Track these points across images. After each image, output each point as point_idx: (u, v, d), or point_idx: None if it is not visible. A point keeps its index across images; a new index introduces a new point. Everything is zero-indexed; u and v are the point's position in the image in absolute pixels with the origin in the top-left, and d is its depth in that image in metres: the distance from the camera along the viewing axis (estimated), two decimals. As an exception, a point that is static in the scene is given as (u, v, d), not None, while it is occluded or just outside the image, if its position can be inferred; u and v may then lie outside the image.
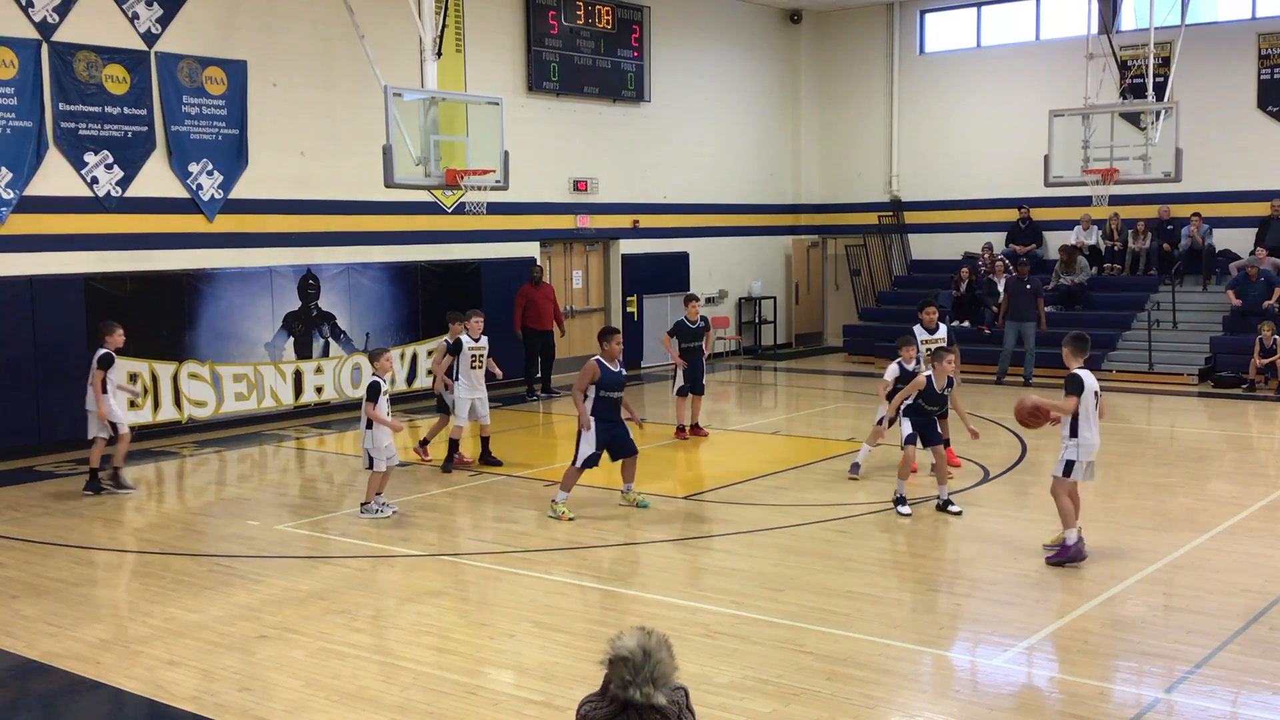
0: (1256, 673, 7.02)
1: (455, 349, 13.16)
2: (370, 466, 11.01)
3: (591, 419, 10.82)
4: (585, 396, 10.85)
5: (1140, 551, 9.60)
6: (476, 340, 13.18)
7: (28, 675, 7.39)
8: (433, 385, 13.82)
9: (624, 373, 11.17)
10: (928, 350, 12.35)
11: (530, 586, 8.99)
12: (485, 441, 13.45)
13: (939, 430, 11.33)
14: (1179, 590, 8.69)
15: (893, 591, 8.86)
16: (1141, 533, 10.26)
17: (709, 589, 8.78)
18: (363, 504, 11.15)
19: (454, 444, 13.26)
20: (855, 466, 12.63)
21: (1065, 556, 9.09)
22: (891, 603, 8.59)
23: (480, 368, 13.20)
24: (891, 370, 12.07)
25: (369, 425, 10.92)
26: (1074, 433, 9.16)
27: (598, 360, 10.92)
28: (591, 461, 10.92)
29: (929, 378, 11.01)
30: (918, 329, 13.32)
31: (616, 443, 11.02)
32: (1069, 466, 9.19)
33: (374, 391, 10.92)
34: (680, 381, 15.04)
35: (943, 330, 13.28)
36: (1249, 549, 9.71)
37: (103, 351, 12.23)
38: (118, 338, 12.40)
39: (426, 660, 7.41)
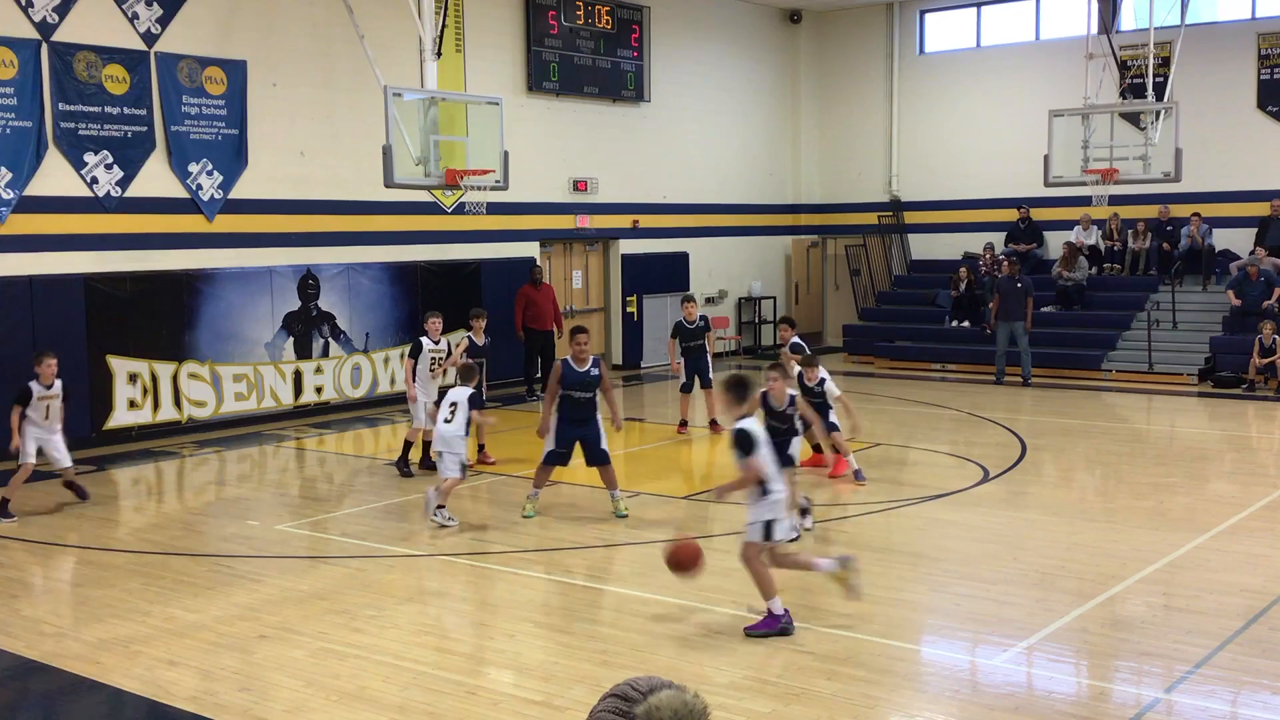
0: (1256, 673, 7.02)
1: (415, 351, 12.87)
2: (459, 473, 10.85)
3: (552, 418, 10.75)
4: (553, 398, 10.81)
5: (1140, 551, 9.60)
6: (436, 343, 12.91)
7: (28, 675, 7.39)
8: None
9: (593, 373, 10.80)
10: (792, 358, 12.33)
11: (530, 586, 8.99)
12: (426, 446, 12.99)
13: (789, 454, 10.15)
14: (1179, 590, 8.69)
15: (893, 591, 8.85)
16: (1141, 533, 10.26)
17: (709, 589, 8.77)
18: (439, 506, 10.74)
19: (408, 445, 13.06)
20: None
21: (773, 628, 7.66)
22: (891, 603, 8.59)
23: (437, 370, 12.89)
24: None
25: (465, 431, 10.79)
26: (765, 490, 7.69)
27: (564, 360, 10.90)
28: (550, 459, 10.86)
29: (765, 395, 9.94)
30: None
31: (586, 447, 10.86)
32: (768, 528, 7.70)
33: (472, 386, 10.93)
34: (683, 378, 15.31)
35: (818, 378, 12.08)
36: (1249, 549, 9.71)
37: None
38: (44, 368, 11.63)
39: (426, 660, 7.41)
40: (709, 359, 15.31)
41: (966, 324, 22.20)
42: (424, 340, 12.88)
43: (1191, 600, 8.42)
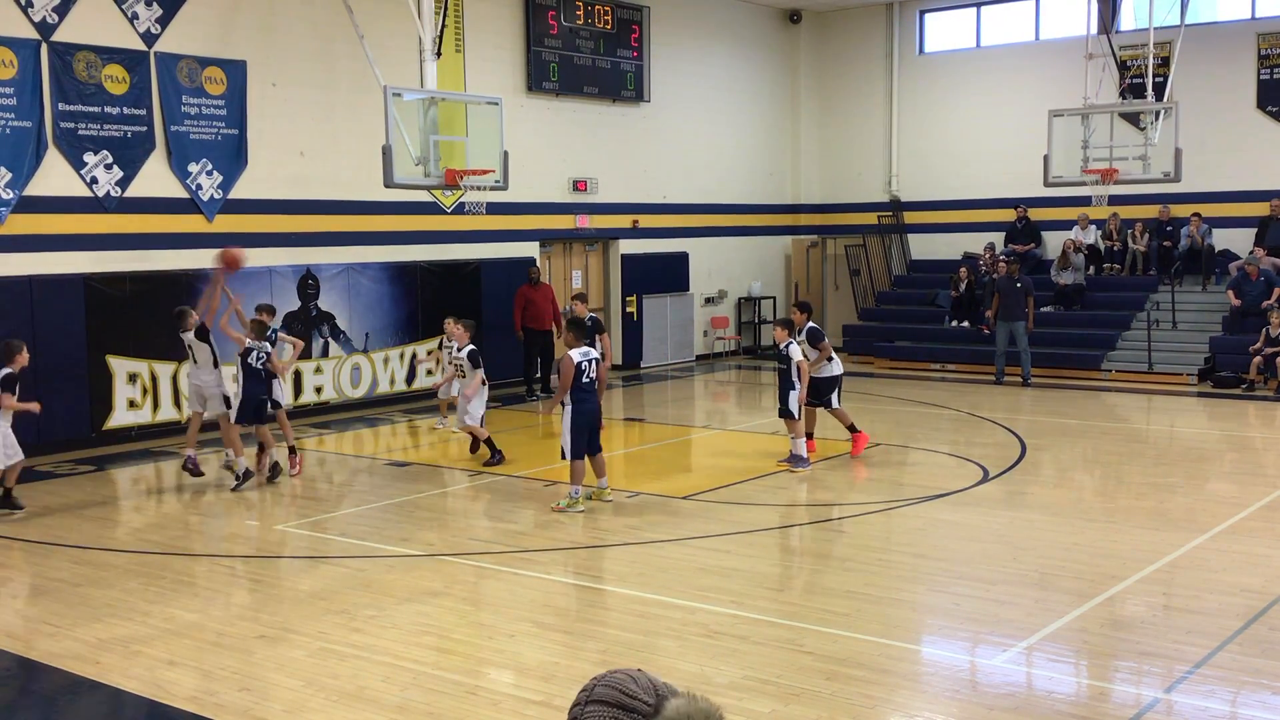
0: (1256, 673, 7.02)
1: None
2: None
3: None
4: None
5: (1140, 551, 9.60)
6: (458, 350, 13.76)
7: (28, 675, 7.39)
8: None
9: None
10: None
11: (530, 586, 8.99)
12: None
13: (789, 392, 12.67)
14: (1179, 590, 8.70)
15: (893, 591, 8.86)
16: (1141, 533, 10.26)
17: (709, 589, 8.77)
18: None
19: (476, 440, 13.70)
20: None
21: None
22: (891, 603, 8.59)
23: (450, 372, 14.06)
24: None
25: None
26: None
27: None
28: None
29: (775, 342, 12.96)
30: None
31: None
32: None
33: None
34: None
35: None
36: (1249, 549, 9.71)
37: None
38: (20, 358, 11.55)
39: (426, 660, 7.41)
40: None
41: (966, 324, 22.21)
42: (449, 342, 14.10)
43: (1191, 600, 8.42)
